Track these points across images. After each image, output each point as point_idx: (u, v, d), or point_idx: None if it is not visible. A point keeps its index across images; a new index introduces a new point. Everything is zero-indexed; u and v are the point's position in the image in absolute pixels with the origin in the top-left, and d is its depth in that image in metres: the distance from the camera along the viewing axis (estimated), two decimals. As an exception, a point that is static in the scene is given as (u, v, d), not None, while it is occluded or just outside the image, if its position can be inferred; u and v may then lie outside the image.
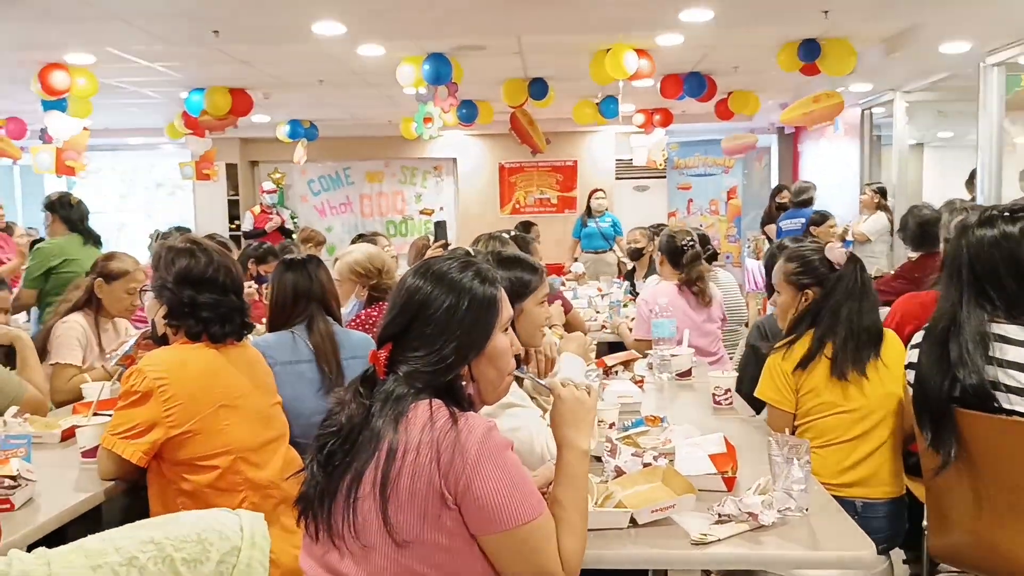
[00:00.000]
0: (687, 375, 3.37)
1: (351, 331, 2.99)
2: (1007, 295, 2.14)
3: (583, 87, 7.31)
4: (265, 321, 2.96)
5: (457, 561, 1.41)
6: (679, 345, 3.48)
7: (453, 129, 9.87)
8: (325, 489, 1.45)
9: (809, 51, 5.87)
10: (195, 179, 9.20)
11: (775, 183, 10.84)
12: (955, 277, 2.22)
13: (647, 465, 2.01)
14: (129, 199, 12.64)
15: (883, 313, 3.50)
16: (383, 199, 11.73)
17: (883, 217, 7.45)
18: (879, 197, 7.53)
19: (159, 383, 2.10)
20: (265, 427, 2.29)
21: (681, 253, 4.20)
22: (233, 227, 11.01)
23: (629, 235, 6.45)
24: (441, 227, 4.70)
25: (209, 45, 5.72)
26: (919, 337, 2.36)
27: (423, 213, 11.72)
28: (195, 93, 7.37)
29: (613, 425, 2.41)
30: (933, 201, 5.14)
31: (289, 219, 10.31)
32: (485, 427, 1.43)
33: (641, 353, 3.64)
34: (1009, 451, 2.07)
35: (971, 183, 6.65)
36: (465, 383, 1.55)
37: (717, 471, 2.01)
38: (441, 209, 11.68)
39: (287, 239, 9.04)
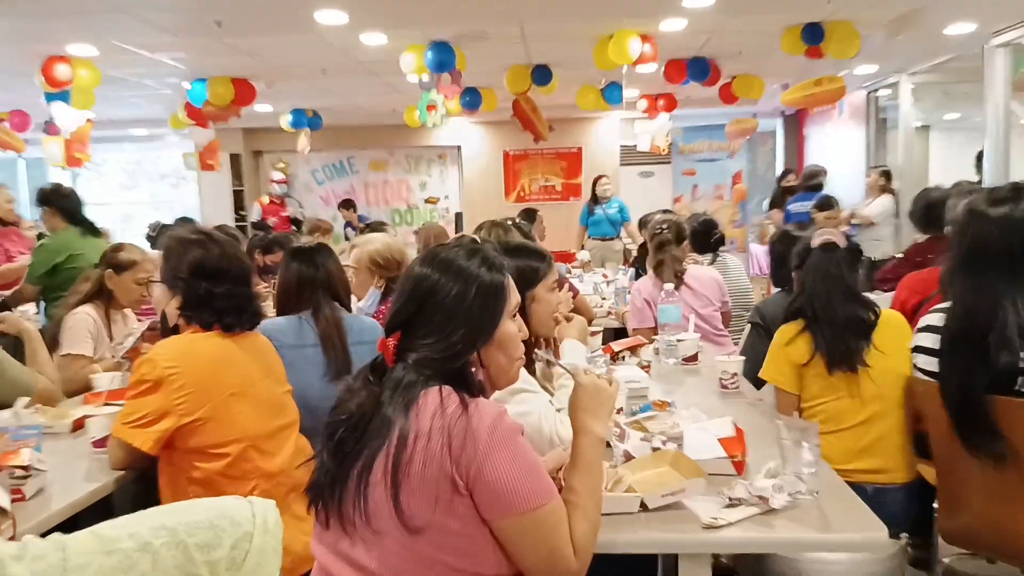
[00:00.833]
0: (693, 360, 3.36)
1: (361, 317, 2.99)
2: None
3: (586, 73, 7.28)
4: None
5: (469, 546, 1.40)
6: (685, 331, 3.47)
7: (457, 117, 9.84)
8: (336, 476, 1.45)
9: (813, 34, 5.83)
10: (199, 170, 9.20)
11: (780, 168, 10.81)
12: (982, 259, 2.16)
13: (656, 450, 2.01)
14: (133, 191, 12.65)
15: (887, 299, 3.50)
16: (388, 188, 11.72)
17: (888, 200, 7.41)
18: (884, 180, 7.49)
19: (169, 372, 2.10)
20: (275, 415, 2.29)
21: (652, 239, 4.22)
22: (238, 217, 11.01)
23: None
24: (459, 219, 4.71)
25: (211, 35, 5.70)
26: (931, 319, 2.34)
27: (428, 202, 11.70)
28: (198, 83, 7.35)
29: (621, 410, 2.40)
30: (940, 184, 5.10)
31: (297, 208, 10.32)
32: (496, 412, 1.42)
33: (647, 339, 3.63)
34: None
35: (979, 164, 6.61)
36: (475, 369, 1.54)
37: (727, 455, 2.00)
38: (446, 198, 11.66)
39: (296, 229, 9.06)
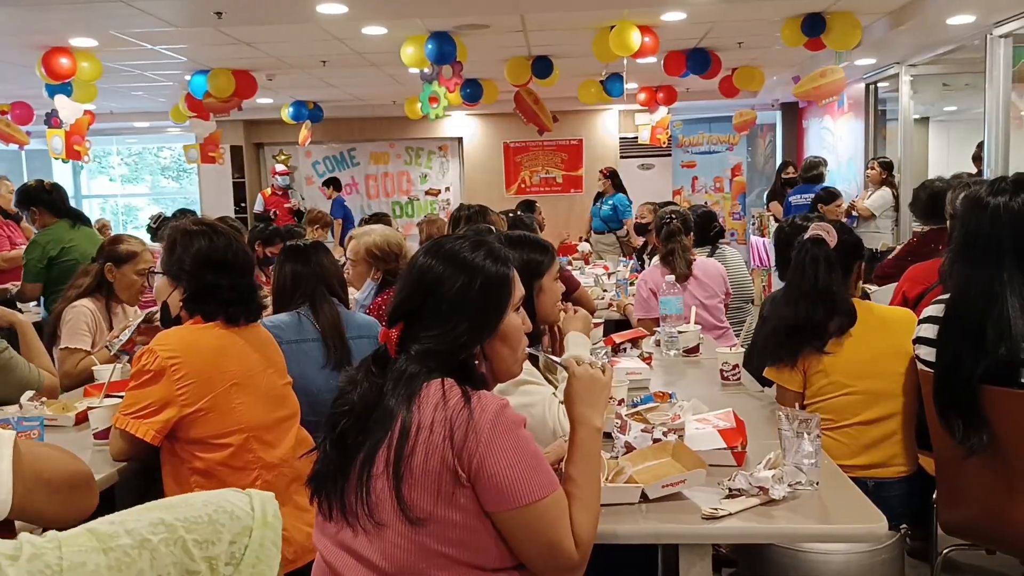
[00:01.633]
0: (695, 351, 3.36)
1: (355, 314, 3.00)
2: None
3: (587, 65, 7.26)
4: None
5: (471, 538, 1.40)
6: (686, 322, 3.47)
7: (457, 109, 9.83)
8: (338, 468, 1.45)
9: (814, 25, 5.81)
10: (200, 162, 9.18)
11: (780, 160, 10.78)
12: (983, 249, 2.15)
13: (657, 441, 2.00)
14: (135, 183, 12.64)
15: (887, 292, 3.49)
16: (388, 180, 11.71)
17: (888, 192, 7.40)
18: (885, 172, 7.47)
19: (171, 362, 2.10)
20: (277, 406, 2.29)
21: (660, 229, 4.22)
22: (238, 209, 11.00)
23: (637, 210, 6.47)
24: None
25: (212, 27, 5.68)
26: (932, 310, 2.33)
27: (429, 194, 11.69)
28: (199, 75, 7.33)
29: (622, 402, 2.40)
30: (940, 176, 5.09)
31: (299, 200, 10.31)
32: (498, 405, 1.42)
33: (648, 330, 3.63)
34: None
35: (978, 157, 6.59)
36: (478, 362, 1.54)
37: (727, 446, 2.00)
38: (447, 190, 11.65)
39: (298, 221, 9.05)
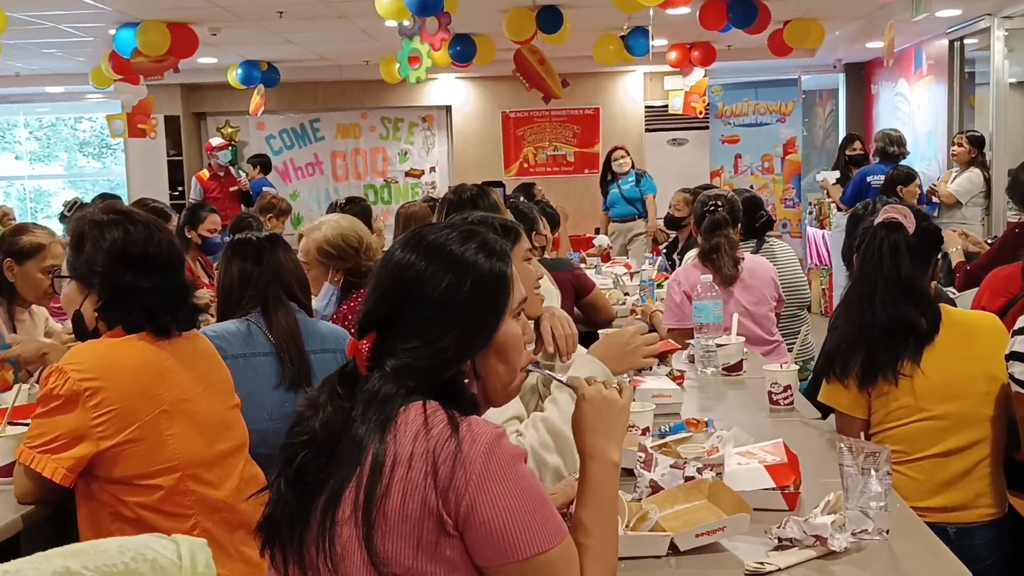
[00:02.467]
0: (737, 369, 3.36)
1: (317, 322, 3.01)
2: None
3: (605, 17, 7.27)
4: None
5: (458, 598, 1.40)
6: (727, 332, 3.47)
7: (445, 71, 9.83)
8: (295, 512, 1.45)
9: (885, -33, 5.81)
10: (127, 136, 9.20)
11: (843, 134, 10.80)
12: None
13: (689, 479, 2.01)
14: (47, 162, 12.67)
15: (970, 299, 3.50)
16: (360, 158, 11.72)
17: (977, 174, 7.41)
18: (974, 149, 7.48)
19: (85, 385, 2.10)
20: (219, 436, 2.29)
21: (702, 219, 4.21)
22: (176, 194, 11.02)
23: (672, 199, 6.38)
24: None
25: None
26: None
27: (410, 175, 11.70)
28: (126, 29, 7.34)
29: (647, 431, 2.40)
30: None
31: (245, 179, 10.26)
32: (492, 434, 1.42)
33: (680, 343, 3.63)
34: None
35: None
36: (468, 380, 1.54)
37: (776, 486, 2.01)
38: (432, 170, 11.67)
39: (246, 207, 9.03)
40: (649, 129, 11.27)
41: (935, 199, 7.36)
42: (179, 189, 11.17)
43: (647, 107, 11.26)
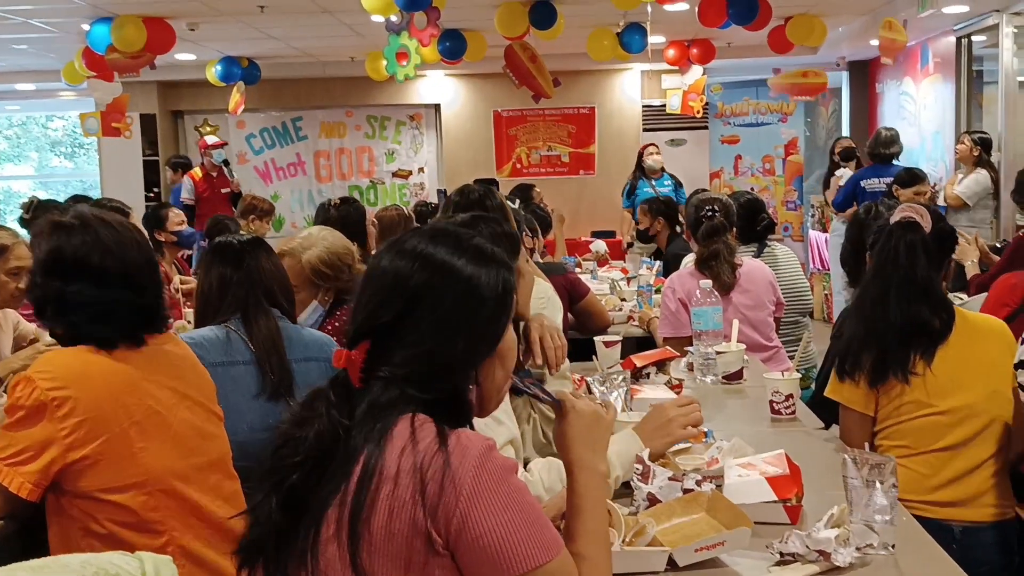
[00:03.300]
0: (737, 377, 3.37)
1: (303, 328, 2.99)
2: None
3: (600, 12, 7.29)
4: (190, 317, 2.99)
5: (448, 619, 1.40)
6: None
7: (434, 68, 9.84)
8: (283, 532, 1.44)
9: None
10: (101, 135, 9.16)
11: (847, 134, 10.81)
12: None
13: (688, 491, 2.02)
14: (16, 162, 12.62)
15: (976, 304, 3.53)
16: (345, 157, 11.71)
17: (984, 175, 7.43)
18: (980, 150, 7.51)
19: (54, 395, 2.08)
20: (196, 449, 2.27)
21: (699, 225, 4.22)
22: (151, 195, 10.98)
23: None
24: (443, 196, 4.67)
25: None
26: None
27: (398, 176, 11.69)
28: (100, 24, 7.33)
29: (644, 442, 2.40)
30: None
31: (237, 182, 10.15)
32: (482, 447, 1.42)
33: (678, 351, 3.64)
34: None
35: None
36: (472, 387, 1.56)
37: (778, 498, 2.01)
38: (421, 171, 11.67)
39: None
40: (647, 129, 11.27)
41: (941, 202, 7.39)
42: (155, 190, 11.14)
43: (644, 106, 11.27)
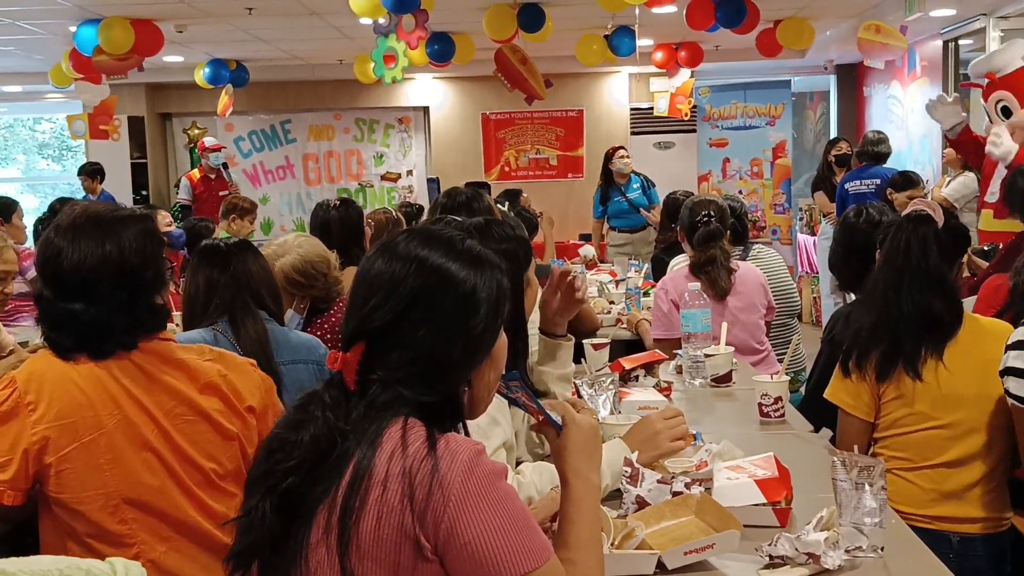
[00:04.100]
0: (726, 380, 3.37)
1: (290, 331, 3.00)
2: None
3: (588, 15, 7.29)
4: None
5: (438, 626, 1.40)
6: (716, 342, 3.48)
7: (422, 71, 9.83)
8: (277, 538, 1.44)
9: (878, -35, 5.86)
10: (89, 138, 9.13)
11: (834, 136, 10.85)
12: None
13: (677, 494, 2.02)
14: (3, 165, 12.57)
15: (969, 304, 3.54)
16: (333, 160, 11.69)
17: (971, 178, 7.46)
18: (966, 151, 7.54)
19: (28, 399, 2.07)
20: (185, 462, 2.23)
21: (695, 230, 4.19)
22: (139, 198, 10.95)
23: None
24: (434, 186, 4.64)
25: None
26: (1021, 334, 2.38)
27: (386, 179, 11.68)
28: (87, 26, 7.30)
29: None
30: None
31: (236, 185, 10.13)
32: (471, 451, 1.42)
33: (668, 353, 3.64)
34: None
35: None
36: (467, 390, 1.57)
37: (767, 501, 2.02)
38: (409, 174, 11.66)
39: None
40: (635, 132, 11.29)
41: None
42: (143, 193, 11.11)
43: (632, 109, 11.29)
